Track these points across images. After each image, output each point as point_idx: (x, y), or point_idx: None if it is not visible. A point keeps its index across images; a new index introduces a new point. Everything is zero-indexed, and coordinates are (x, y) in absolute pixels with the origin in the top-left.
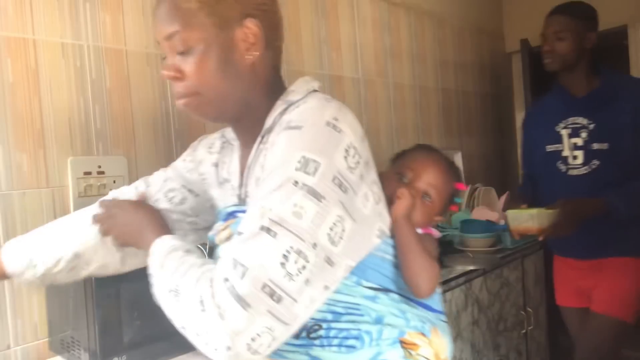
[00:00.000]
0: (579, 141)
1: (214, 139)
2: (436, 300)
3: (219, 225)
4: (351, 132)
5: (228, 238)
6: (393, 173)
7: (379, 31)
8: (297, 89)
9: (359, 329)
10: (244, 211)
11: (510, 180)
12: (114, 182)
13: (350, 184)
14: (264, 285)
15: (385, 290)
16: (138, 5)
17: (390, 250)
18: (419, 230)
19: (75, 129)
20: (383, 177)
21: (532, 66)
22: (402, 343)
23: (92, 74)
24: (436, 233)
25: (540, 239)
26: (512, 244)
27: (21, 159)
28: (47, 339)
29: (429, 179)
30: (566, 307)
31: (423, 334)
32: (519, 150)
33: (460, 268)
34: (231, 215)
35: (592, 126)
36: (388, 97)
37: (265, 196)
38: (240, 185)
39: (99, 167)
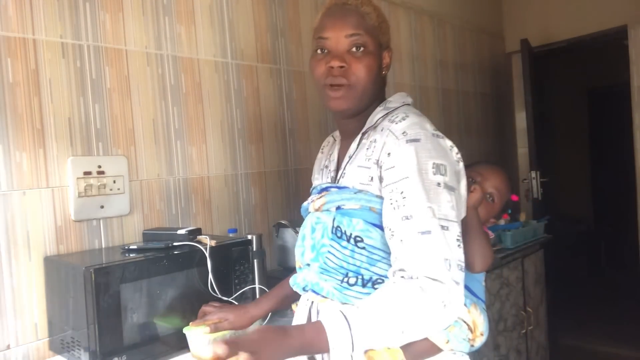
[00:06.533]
0: None
1: (325, 141)
2: (479, 289)
3: (314, 196)
4: (444, 136)
5: (322, 205)
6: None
7: None
8: (394, 100)
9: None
10: (337, 187)
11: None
12: (114, 182)
13: (461, 172)
14: (459, 265)
15: None
16: (138, 5)
17: None
18: None
19: (75, 129)
20: None
21: (532, 66)
22: None
23: (92, 74)
24: (489, 233)
25: None
26: (512, 244)
27: (21, 158)
28: (47, 339)
29: (495, 182)
30: None
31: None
32: (520, 151)
33: None
34: (325, 189)
35: None
36: None
37: (421, 201)
38: (337, 169)
39: (99, 167)
